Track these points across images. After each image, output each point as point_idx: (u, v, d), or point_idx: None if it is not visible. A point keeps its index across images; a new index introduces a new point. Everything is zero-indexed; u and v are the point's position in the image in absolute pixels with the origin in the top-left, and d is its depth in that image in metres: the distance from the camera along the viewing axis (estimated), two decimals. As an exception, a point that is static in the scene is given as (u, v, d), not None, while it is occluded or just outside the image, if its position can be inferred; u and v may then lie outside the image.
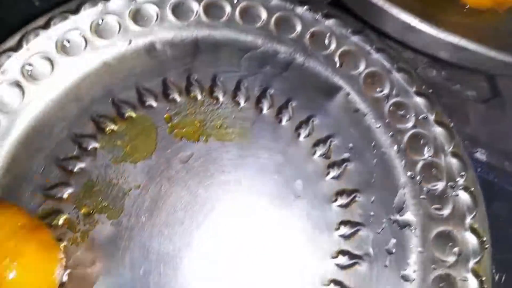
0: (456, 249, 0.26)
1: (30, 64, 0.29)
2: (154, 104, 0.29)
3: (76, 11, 0.31)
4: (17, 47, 0.29)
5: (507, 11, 0.31)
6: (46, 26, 0.30)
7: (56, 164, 0.27)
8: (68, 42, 0.30)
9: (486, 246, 0.26)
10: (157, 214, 0.26)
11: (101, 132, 0.28)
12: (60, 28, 0.30)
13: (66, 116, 0.29)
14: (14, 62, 0.29)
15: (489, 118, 0.33)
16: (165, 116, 0.29)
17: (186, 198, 0.27)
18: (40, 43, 0.30)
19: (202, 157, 0.28)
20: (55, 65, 0.30)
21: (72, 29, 0.30)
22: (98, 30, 0.31)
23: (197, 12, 0.31)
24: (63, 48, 0.30)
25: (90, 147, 0.28)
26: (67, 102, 0.29)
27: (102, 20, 0.30)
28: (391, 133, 0.29)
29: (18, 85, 0.29)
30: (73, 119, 0.29)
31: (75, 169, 0.27)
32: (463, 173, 0.27)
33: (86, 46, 0.30)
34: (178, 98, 0.30)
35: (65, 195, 0.26)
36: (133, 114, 0.29)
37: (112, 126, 0.29)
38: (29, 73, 0.29)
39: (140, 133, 0.28)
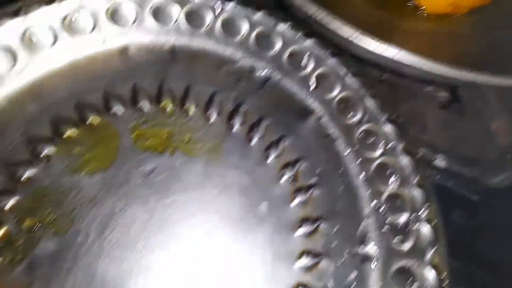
0: (415, 285, 0.22)
1: (-12, 56, 0.23)
2: (121, 111, 0.24)
3: (49, 1, 0.25)
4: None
5: (465, 16, 0.27)
6: (14, 15, 0.24)
7: (3, 168, 0.21)
8: (35, 35, 0.24)
9: (445, 282, 0.22)
10: (109, 232, 0.21)
11: (58, 136, 0.23)
12: (29, 19, 0.24)
13: (22, 116, 0.23)
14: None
15: (448, 123, 0.29)
16: (130, 124, 0.24)
17: (143, 217, 0.21)
18: (3, 34, 0.24)
19: (166, 172, 0.23)
20: (17, 59, 0.24)
21: (41, 21, 0.24)
22: (71, 26, 0.25)
23: (177, 18, 0.26)
24: (29, 41, 0.24)
25: (44, 153, 0.22)
26: (26, 101, 0.24)
27: (77, 15, 0.24)
28: (359, 161, 0.25)
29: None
30: (30, 120, 0.23)
31: (24, 176, 0.21)
32: (426, 204, 0.23)
33: (55, 42, 0.25)
34: (147, 106, 0.24)
35: (8, 205, 0.20)
36: (97, 120, 0.23)
37: (72, 131, 0.23)
38: (-14, 66, 0.23)
39: (101, 141, 0.23)
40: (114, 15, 0.26)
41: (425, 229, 0.24)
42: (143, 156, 0.23)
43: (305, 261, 0.22)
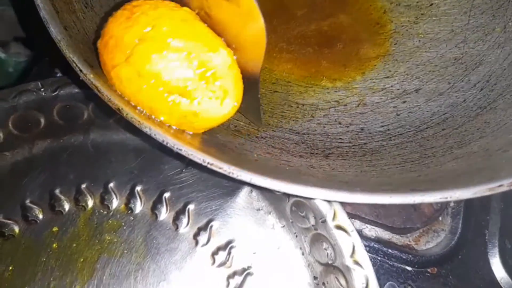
0: None
1: None
2: (40, 218, 0.24)
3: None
4: None
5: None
6: None
7: None
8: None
9: None
10: None
11: (-22, 256, 0.23)
12: None
13: None
14: None
15: None
16: (51, 230, 0.24)
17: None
18: None
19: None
20: None
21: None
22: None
23: (85, 113, 0.27)
24: None
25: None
26: None
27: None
28: (295, 233, 0.25)
29: None
30: None
31: None
32: (364, 282, 0.23)
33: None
34: (66, 208, 0.25)
35: None
36: (16, 232, 0.24)
37: (-9, 248, 0.24)
38: None
39: (22, 255, 0.23)
40: (17, 124, 0.26)
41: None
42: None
43: None
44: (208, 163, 0.18)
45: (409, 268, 0.26)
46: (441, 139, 0.24)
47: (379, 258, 0.27)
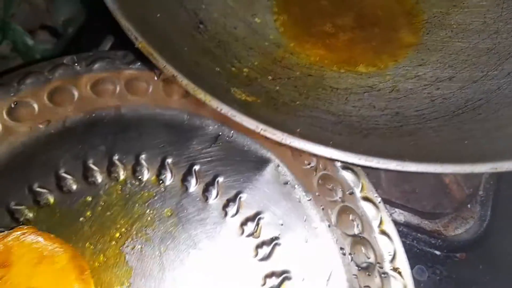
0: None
1: None
2: (74, 188, 0.26)
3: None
4: None
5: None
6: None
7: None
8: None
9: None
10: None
11: (15, 222, 0.24)
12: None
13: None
14: None
15: (401, 179, 0.30)
16: (84, 199, 0.25)
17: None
18: None
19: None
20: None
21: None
22: (13, 112, 0.26)
23: (119, 87, 0.28)
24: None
25: (-2, 244, 0.24)
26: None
27: (16, 103, 0.26)
28: (321, 207, 0.26)
29: None
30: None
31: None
32: (391, 252, 0.24)
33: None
34: (99, 179, 0.26)
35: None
36: (51, 201, 0.25)
37: (28, 215, 0.25)
38: None
39: (58, 223, 0.25)
40: (53, 96, 0.27)
41: (393, 277, 0.25)
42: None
43: (271, 321, 0.23)
44: (261, 129, 0.19)
45: (437, 253, 0.27)
46: (478, 123, 0.25)
47: (407, 242, 0.27)
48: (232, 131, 0.28)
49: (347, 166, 0.26)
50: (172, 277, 0.24)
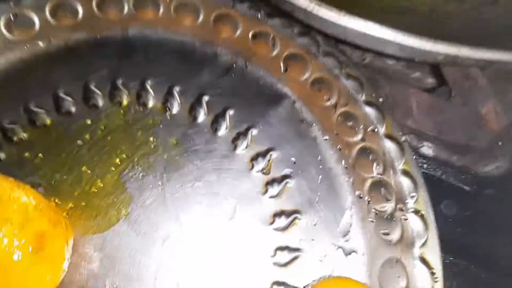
0: (404, 280, 0.21)
1: None
2: (73, 110, 0.24)
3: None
4: None
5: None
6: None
7: None
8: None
9: (437, 280, 0.21)
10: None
11: (7, 142, 0.23)
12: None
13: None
14: None
15: (434, 108, 0.28)
16: (84, 122, 0.24)
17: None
18: None
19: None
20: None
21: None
22: (12, 25, 0.24)
23: (127, 6, 0.26)
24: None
25: (-8, 159, 0.22)
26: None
27: (15, 15, 0.24)
28: (338, 147, 0.24)
29: None
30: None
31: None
32: (413, 194, 0.23)
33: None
34: (100, 103, 0.24)
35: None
36: (47, 122, 0.23)
37: (22, 135, 0.23)
38: None
39: (53, 145, 0.23)
40: (57, 11, 0.25)
41: (413, 220, 0.23)
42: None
43: (281, 257, 0.22)
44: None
45: (466, 188, 0.25)
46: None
47: (436, 176, 0.26)
48: (247, 62, 0.26)
49: (370, 101, 0.24)
50: (174, 209, 0.22)
